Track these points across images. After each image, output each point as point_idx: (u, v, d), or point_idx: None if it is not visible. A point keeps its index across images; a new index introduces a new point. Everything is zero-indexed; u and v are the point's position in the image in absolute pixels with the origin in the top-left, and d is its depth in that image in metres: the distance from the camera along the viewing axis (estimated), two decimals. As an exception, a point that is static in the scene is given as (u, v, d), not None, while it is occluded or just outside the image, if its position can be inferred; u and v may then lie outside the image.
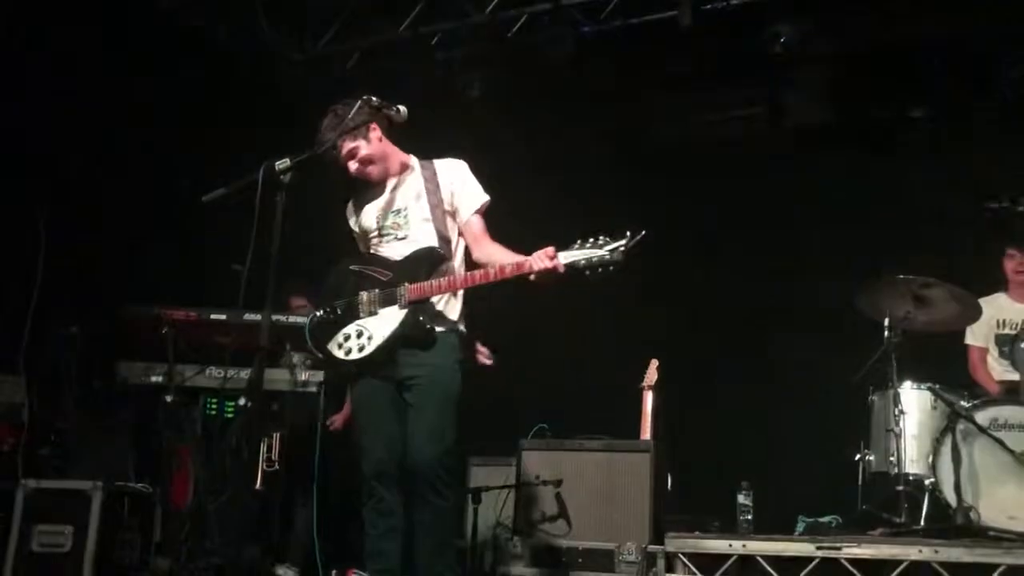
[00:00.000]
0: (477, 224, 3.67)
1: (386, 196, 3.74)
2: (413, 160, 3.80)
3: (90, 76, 5.28)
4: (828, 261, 6.14)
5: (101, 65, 5.32)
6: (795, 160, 6.59)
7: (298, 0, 6.66)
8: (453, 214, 3.70)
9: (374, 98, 3.55)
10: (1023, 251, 5.25)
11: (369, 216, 3.75)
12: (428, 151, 3.88)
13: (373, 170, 3.70)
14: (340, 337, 3.58)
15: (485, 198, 3.71)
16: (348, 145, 3.63)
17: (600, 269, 3.20)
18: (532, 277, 3.32)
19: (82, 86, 5.24)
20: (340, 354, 3.57)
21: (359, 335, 3.54)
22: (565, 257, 3.24)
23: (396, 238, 3.67)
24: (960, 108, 6.30)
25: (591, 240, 3.22)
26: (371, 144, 3.67)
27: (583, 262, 3.21)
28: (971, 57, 6.12)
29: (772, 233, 6.53)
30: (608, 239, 3.20)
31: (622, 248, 3.18)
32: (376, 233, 3.71)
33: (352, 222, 3.86)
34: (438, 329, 3.54)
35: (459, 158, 3.83)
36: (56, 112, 5.08)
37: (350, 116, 3.58)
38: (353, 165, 3.67)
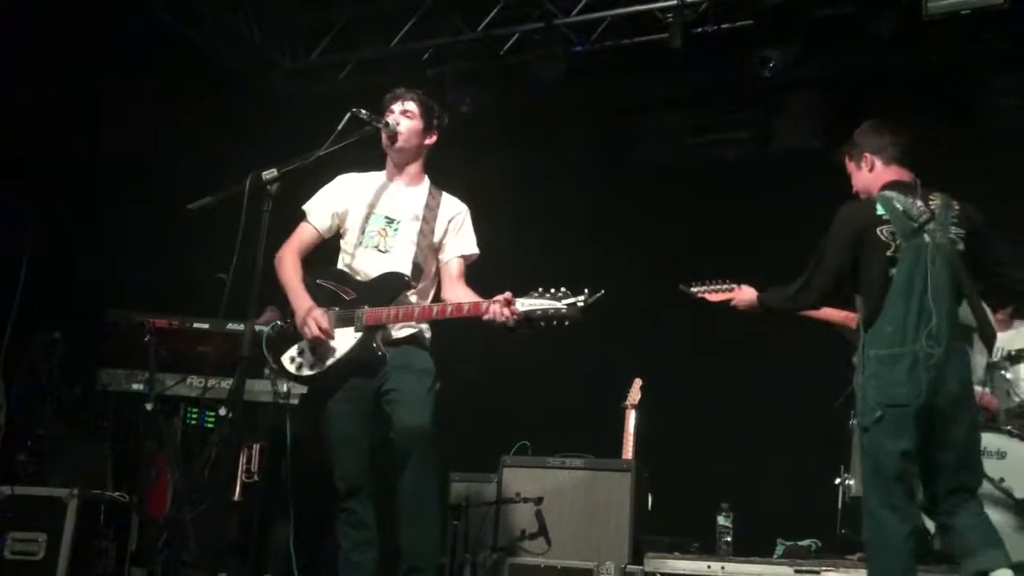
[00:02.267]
0: (456, 267, 3.70)
1: (387, 195, 3.72)
2: (426, 179, 3.81)
3: (79, 82, 5.27)
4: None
5: (90, 71, 5.31)
6: (782, 184, 6.64)
7: (291, 12, 6.69)
8: (437, 250, 3.71)
9: (363, 111, 3.56)
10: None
11: (359, 206, 3.70)
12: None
13: (401, 149, 3.69)
14: (294, 350, 3.56)
15: (475, 251, 3.76)
16: (412, 108, 3.70)
17: (555, 322, 3.23)
18: (485, 317, 3.34)
19: (72, 91, 5.23)
20: (292, 368, 3.57)
21: (313, 352, 3.54)
22: (522, 305, 3.27)
23: (377, 248, 3.65)
24: (945, 135, 6.36)
25: (551, 292, 3.25)
26: (424, 134, 3.73)
27: (539, 312, 3.24)
28: (956, 85, 6.19)
29: (758, 255, 6.55)
30: (567, 293, 3.23)
31: (579, 304, 3.21)
32: (359, 231, 3.67)
33: (337, 202, 3.75)
34: (390, 344, 3.53)
35: (447, 173, 3.85)
36: (45, 116, 5.07)
37: (437, 106, 3.77)
38: (396, 118, 3.66)
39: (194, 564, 4.43)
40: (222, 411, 4.61)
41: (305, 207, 3.79)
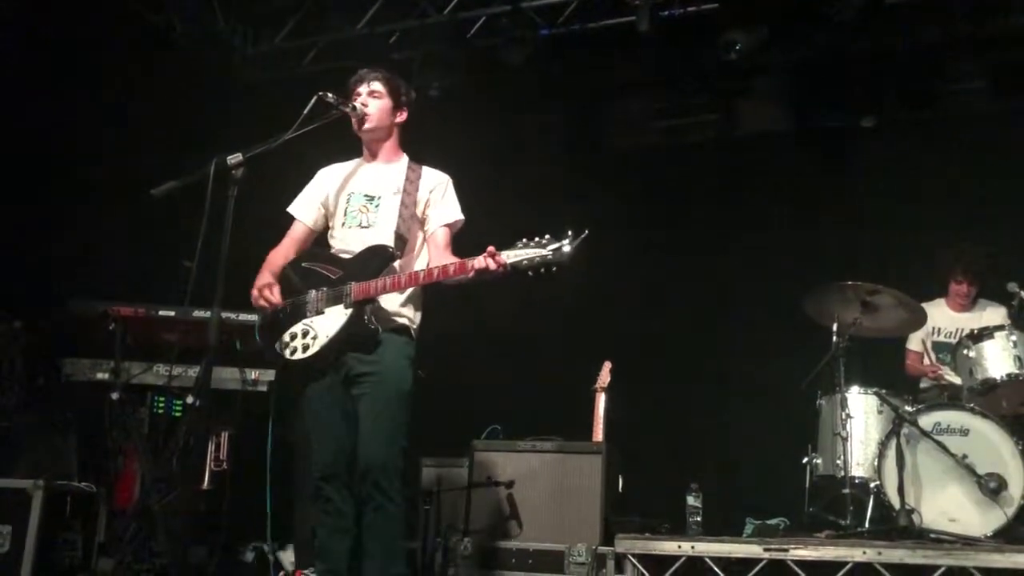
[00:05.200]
0: (443, 236, 3.67)
1: (365, 175, 3.73)
2: (404, 156, 3.80)
3: (39, 68, 5.17)
4: (778, 266, 6.22)
5: (51, 57, 5.20)
6: (746, 166, 6.68)
7: (255, -5, 6.60)
8: (422, 221, 3.69)
9: (330, 94, 3.53)
10: (970, 281, 5.37)
11: (341, 189, 3.71)
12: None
13: (372, 129, 3.67)
14: (287, 336, 3.53)
15: (459, 217, 3.72)
16: (379, 88, 3.66)
17: (543, 270, 3.19)
18: (472, 275, 3.30)
19: (30, 79, 5.12)
20: (286, 353, 3.53)
21: (304, 334, 3.50)
22: (508, 256, 3.23)
23: (360, 225, 3.65)
24: (909, 118, 6.44)
25: (535, 240, 3.21)
26: (394, 112, 3.71)
27: (525, 262, 3.20)
28: (919, 69, 6.26)
29: (724, 238, 6.60)
30: (550, 239, 3.19)
31: (564, 248, 3.16)
32: (342, 212, 3.68)
33: (319, 192, 3.77)
34: (384, 330, 3.50)
35: (415, 157, 3.83)
36: (4, 104, 4.96)
37: (402, 83, 3.72)
38: (364, 100, 3.64)
39: (163, 554, 4.39)
40: (190, 399, 4.57)
41: (290, 209, 3.80)
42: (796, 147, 6.68)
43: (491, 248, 3.26)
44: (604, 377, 5.11)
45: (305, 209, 3.79)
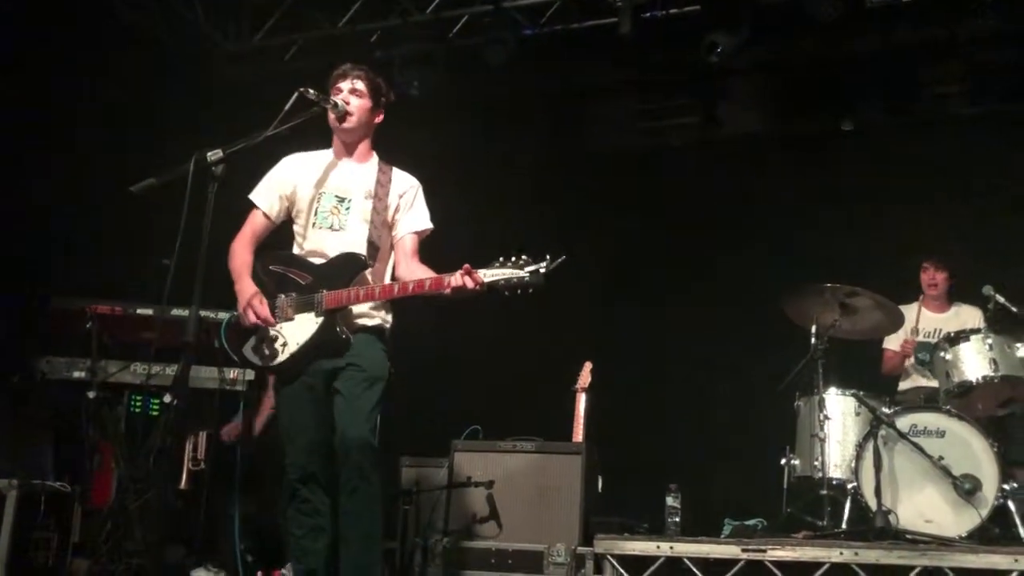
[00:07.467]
0: (411, 243, 3.65)
1: (336, 173, 3.67)
2: (375, 156, 3.76)
3: (16, 62, 5.11)
4: (758, 267, 6.25)
5: (28, 51, 5.15)
6: (727, 168, 6.71)
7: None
8: (391, 226, 3.67)
9: (311, 90, 3.50)
10: (935, 266, 5.46)
11: (308, 185, 3.64)
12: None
13: (352, 128, 3.62)
14: (254, 340, 3.51)
15: (428, 225, 3.71)
16: (361, 87, 3.62)
17: (519, 290, 3.22)
18: (448, 292, 3.31)
19: (7, 73, 5.06)
20: (254, 358, 3.52)
21: (274, 340, 3.48)
22: (485, 275, 3.25)
23: (331, 228, 3.60)
24: (888, 121, 6.49)
25: (512, 260, 3.23)
26: (372, 112, 3.66)
27: (502, 282, 3.22)
28: (898, 72, 6.31)
29: (703, 238, 6.63)
30: (528, 260, 3.21)
31: (542, 270, 3.20)
32: (312, 211, 3.62)
33: (284, 182, 3.68)
34: (357, 332, 3.50)
35: (396, 156, 3.81)
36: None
37: (383, 83, 3.69)
38: (345, 97, 3.59)
39: (139, 554, 4.36)
40: (167, 398, 4.53)
41: (251, 195, 3.71)
42: (776, 149, 6.72)
43: (467, 266, 3.26)
44: (584, 378, 5.12)
45: (267, 198, 3.67)
